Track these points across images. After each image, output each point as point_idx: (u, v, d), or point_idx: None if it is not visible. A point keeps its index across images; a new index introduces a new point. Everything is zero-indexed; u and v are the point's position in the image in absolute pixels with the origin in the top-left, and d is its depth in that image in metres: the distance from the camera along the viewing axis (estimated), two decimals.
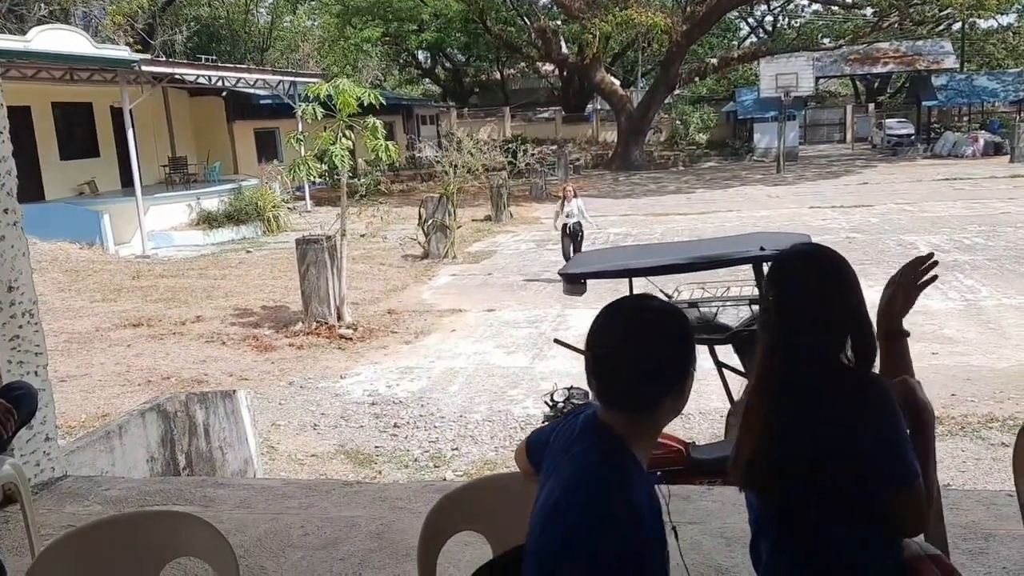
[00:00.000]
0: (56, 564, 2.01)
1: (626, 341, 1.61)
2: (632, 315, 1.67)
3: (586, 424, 1.67)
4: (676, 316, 1.68)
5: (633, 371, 1.59)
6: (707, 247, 6.03)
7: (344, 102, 10.87)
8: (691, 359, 1.65)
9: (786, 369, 1.87)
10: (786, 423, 1.84)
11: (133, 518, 2.42)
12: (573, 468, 1.62)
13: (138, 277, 15.16)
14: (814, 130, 44.14)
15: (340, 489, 4.39)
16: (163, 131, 23.56)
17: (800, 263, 1.99)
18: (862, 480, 1.79)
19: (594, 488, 1.55)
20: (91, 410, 8.02)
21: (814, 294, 1.90)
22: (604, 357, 1.62)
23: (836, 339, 1.89)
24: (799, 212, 20.48)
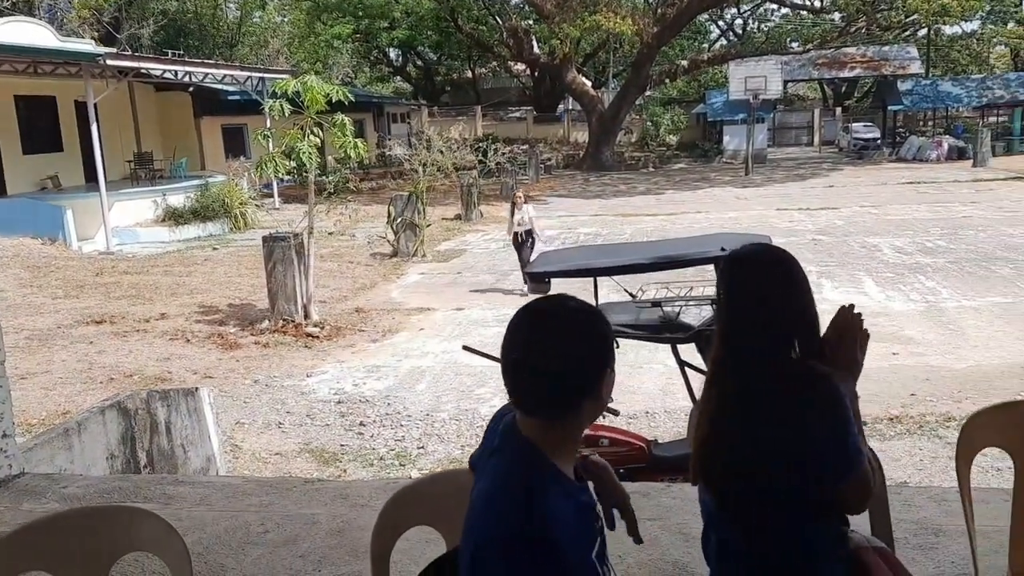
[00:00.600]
0: (5, 559, 1.99)
1: (536, 346, 1.54)
2: (542, 318, 1.58)
3: (505, 432, 1.62)
4: (588, 316, 1.60)
5: (544, 377, 1.52)
6: (670, 247, 6.08)
7: (312, 99, 10.81)
8: (605, 360, 1.57)
9: (734, 368, 1.89)
10: (734, 422, 1.86)
11: (84, 513, 2.39)
12: (488, 481, 1.58)
13: (102, 274, 14.95)
14: (782, 133, 44.56)
15: (301, 487, 4.38)
16: (128, 126, 23.26)
17: (748, 262, 2.00)
18: (815, 479, 1.80)
19: (503, 505, 1.51)
20: (51, 408, 7.91)
21: (759, 293, 1.91)
22: (515, 363, 1.55)
23: (782, 338, 1.89)
24: (766, 214, 20.69)
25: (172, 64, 21.94)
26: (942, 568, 2.88)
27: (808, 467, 1.80)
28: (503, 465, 1.57)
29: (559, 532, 1.46)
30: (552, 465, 1.54)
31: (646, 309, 5.59)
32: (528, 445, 1.55)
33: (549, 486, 1.50)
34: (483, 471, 1.63)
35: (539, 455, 1.53)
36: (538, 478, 1.51)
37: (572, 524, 1.49)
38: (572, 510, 1.51)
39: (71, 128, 21.54)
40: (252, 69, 24.50)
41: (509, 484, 1.52)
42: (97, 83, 18.71)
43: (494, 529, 1.49)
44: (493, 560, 1.47)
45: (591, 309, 1.62)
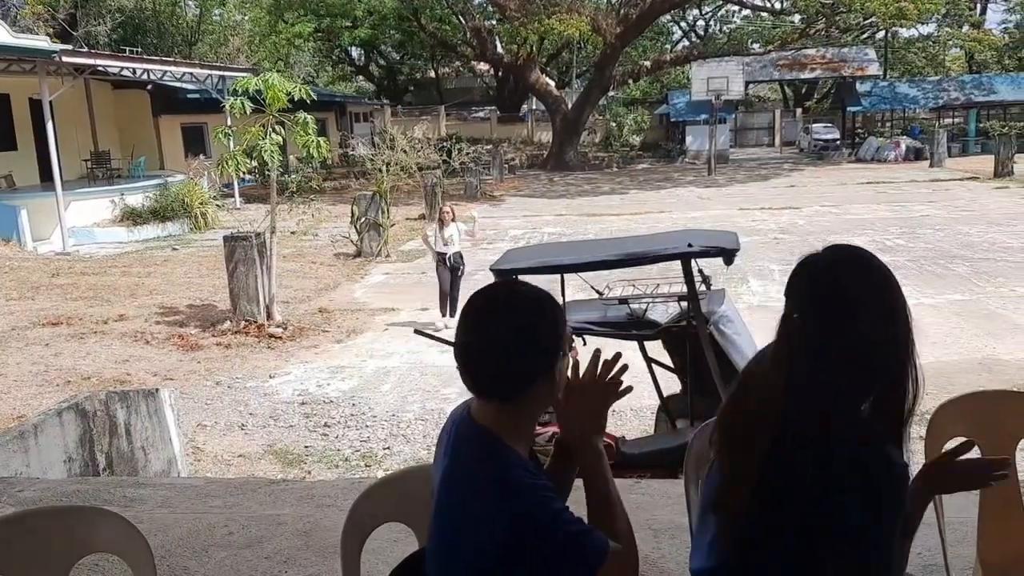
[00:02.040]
0: None
1: (485, 328, 1.56)
2: (491, 303, 1.60)
3: (461, 420, 1.62)
4: (538, 300, 1.59)
5: (494, 360, 1.53)
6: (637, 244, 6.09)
7: (273, 97, 10.71)
8: (556, 345, 1.56)
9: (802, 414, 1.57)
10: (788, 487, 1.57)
11: (40, 513, 2.32)
12: (451, 469, 1.58)
13: (58, 275, 14.65)
14: (744, 134, 45.06)
15: (266, 488, 4.32)
16: (85, 124, 22.82)
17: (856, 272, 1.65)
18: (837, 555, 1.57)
19: (473, 489, 1.51)
20: (5, 411, 7.73)
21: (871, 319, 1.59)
22: (467, 346, 1.56)
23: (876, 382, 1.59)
24: (729, 213, 20.89)
25: (130, 61, 21.59)
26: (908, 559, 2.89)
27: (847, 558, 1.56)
28: (463, 458, 1.57)
29: (528, 509, 1.47)
30: (511, 450, 1.54)
31: (613, 306, 5.60)
32: (484, 432, 1.55)
33: (509, 470, 1.51)
34: (441, 462, 1.63)
35: (496, 441, 1.54)
36: (497, 465, 1.52)
37: (536, 492, 1.50)
38: (532, 479, 1.53)
39: (25, 126, 21.09)
40: (212, 67, 24.19)
41: (477, 473, 1.52)
42: (52, 80, 18.34)
43: (471, 514, 1.50)
44: (473, 541, 1.48)
45: (541, 294, 1.62)
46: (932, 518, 3.17)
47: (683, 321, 5.25)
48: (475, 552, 1.49)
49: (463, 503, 1.53)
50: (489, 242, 18.05)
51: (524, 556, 1.46)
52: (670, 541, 3.30)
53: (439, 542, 1.58)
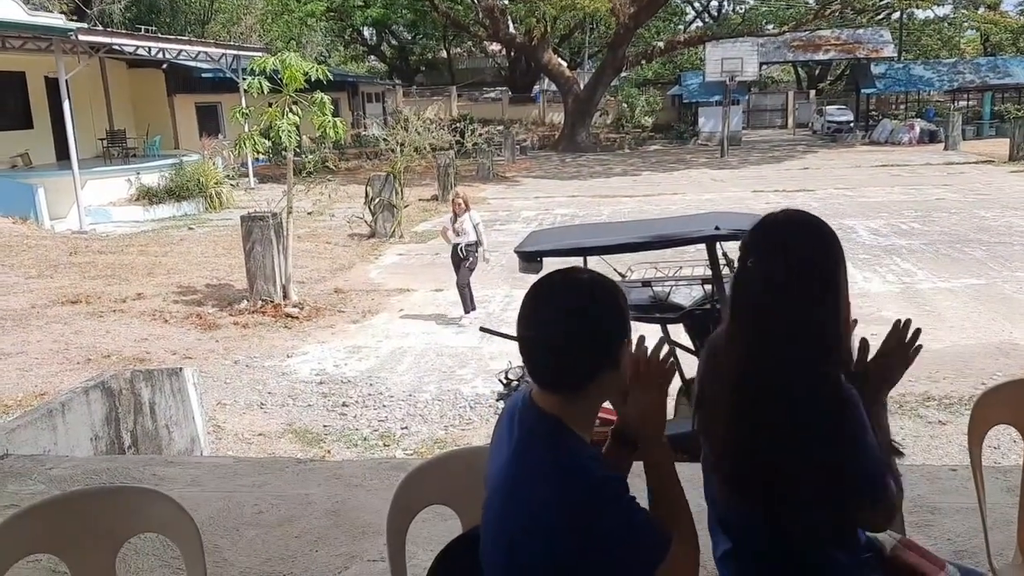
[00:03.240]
0: (9, 543, 1.95)
1: (546, 321, 1.54)
2: (552, 293, 1.58)
3: (524, 406, 1.61)
4: (599, 288, 1.59)
5: (558, 352, 1.52)
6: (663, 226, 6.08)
7: (291, 76, 10.68)
8: (620, 332, 1.56)
9: (765, 366, 1.67)
10: (761, 429, 1.67)
11: (89, 494, 2.36)
12: (517, 456, 1.57)
13: (75, 253, 14.72)
14: (757, 115, 44.78)
15: (293, 467, 4.35)
16: (101, 103, 22.83)
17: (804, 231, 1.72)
18: (837, 502, 1.66)
19: (542, 476, 1.51)
20: (28, 388, 7.79)
21: (820, 274, 1.67)
22: (530, 339, 1.55)
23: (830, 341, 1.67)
24: (743, 195, 20.81)
25: (145, 40, 21.54)
26: (939, 545, 2.92)
27: (832, 489, 1.64)
28: (530, 445, 1.56)
29: (599, 498, 1.48)
30: (578, 438, 1.54)
31: (636, 289, 5.60)
32: (551, 420, 1.54)
33: (579, 459, 1.52)
34: (502, 447, 1.62)
35: (564, 430, 1.54)
36: (568, 454, 1.51)
37: (604, 479, 1.51)
38: (600, 469, 1.53)
39: (42, 105, 21.10)
40: (227, 47, 24.11)
41: (543, 467, 1.52)
42: (68, 59, 18.32)
43: (539, 516, 1.49)
44: (545, 543, 1.48)
45: (603, 280, 1.61)
46: (958, 504, 3.21)
47: (707, 304, 5.25)
48: (543, 539, 1.49)
49: (531, 490, 1.52)
50: (502, 223, 18.06)
51: (590, 545, 1.47)
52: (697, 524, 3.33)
53: (502, 528, 1.58)
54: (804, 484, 1.63)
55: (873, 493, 1.65)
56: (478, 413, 7.71)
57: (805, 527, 1.67)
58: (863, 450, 1.63)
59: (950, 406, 7.22)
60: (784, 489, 1.65)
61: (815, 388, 1.64)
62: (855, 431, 1.63)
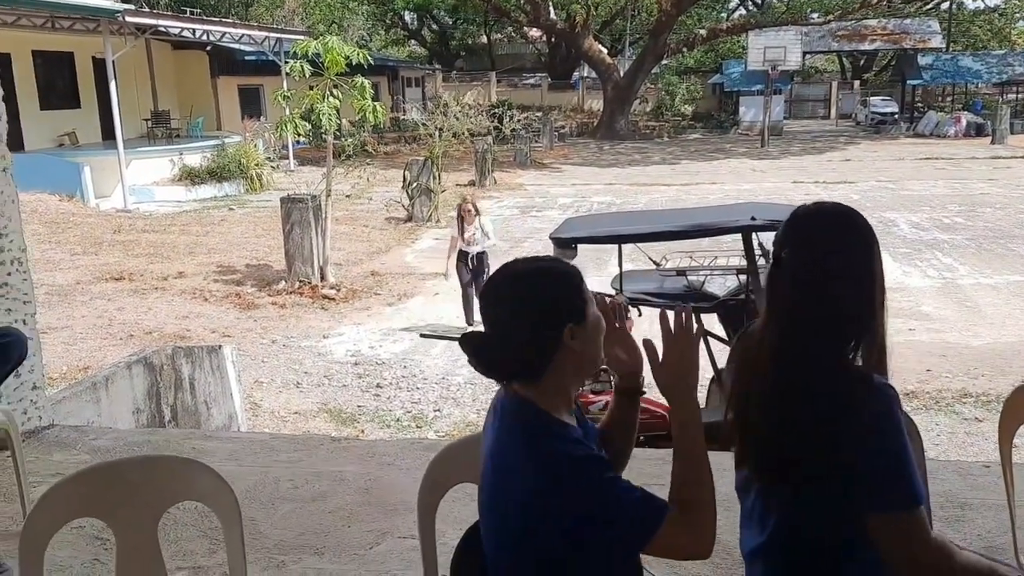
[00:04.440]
0: (57, 506, 2.03)
1: (491, 317, 1.58)
2: (495, 290, 1.60)
3: (504, 394, 1.63)
4: (536, 276, 1.60)
5: (499, 347, 1.55)
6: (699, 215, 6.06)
7: (332, 60, 10.78)
8: (559, 317, 1.55)
9: (792, 359, 1.64)
10: (787, 423, 1.63)
11: (134, 462, 2.44)
12: (497, 442, 1.59)
13: (119, 231, 15.01)
14: (799, 105, 44.20)
15: (328, 444, 4.43)
16: (146, 84, 23.17)
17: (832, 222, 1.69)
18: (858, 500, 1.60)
19: (520, 461, 1.53)
20: (73, 362, 7.99)
21: (848, 268, 1.63)
22: (469, 339, 1.57)
23: (856, 331, 1.63)
24: (782, 186, 20.59)
25: (190, 22, 21.81)
26: (969, 540, 2.91)
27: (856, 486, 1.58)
28: (508, 431, 1.58)
29: (579, 478, 1.49)
30: (555, 420, 1.55)
31: (670, 278, 5.60)
32: (526, 404, 1.56)
33: (557, 443, 1.52)
34: (488, 435, 1.65)
35: (540, 414, 1.55)
36: (546, 439, 1.53)
37: (579, 460, 1.51)
38: (577, 453, 1.53)
39: (89, 85, 21.48)
40: (269, 29, 24.35)
41: (523, 453, 1.53)
42: (115, 40, 18.62)
43: (522, 499, 1.51)
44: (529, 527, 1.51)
45: (540, 266, 1.62)
46: (988, 500, 3.19)
47: (741, 295, 5.24)
48: (526, 523, 1.51)
49: (510, 475, 1.55)
50: (538, 210, 18.08)
51: (575, 524, 1.48)
52: (724, 513, 3.32)
53: (489, 517, 1.61)
54: (823, 481, 1.61)
55: (883, 499, 1.57)
56: None
57: (826, 523, 1.64)
58: (881, 453, 1.57)
59: (987, 403, 7.13)
60: (806, 485, 1.63)
61: (838, 384, 1.61)
62: (877, 431, 1.57)
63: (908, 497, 1.55)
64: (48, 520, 2.01)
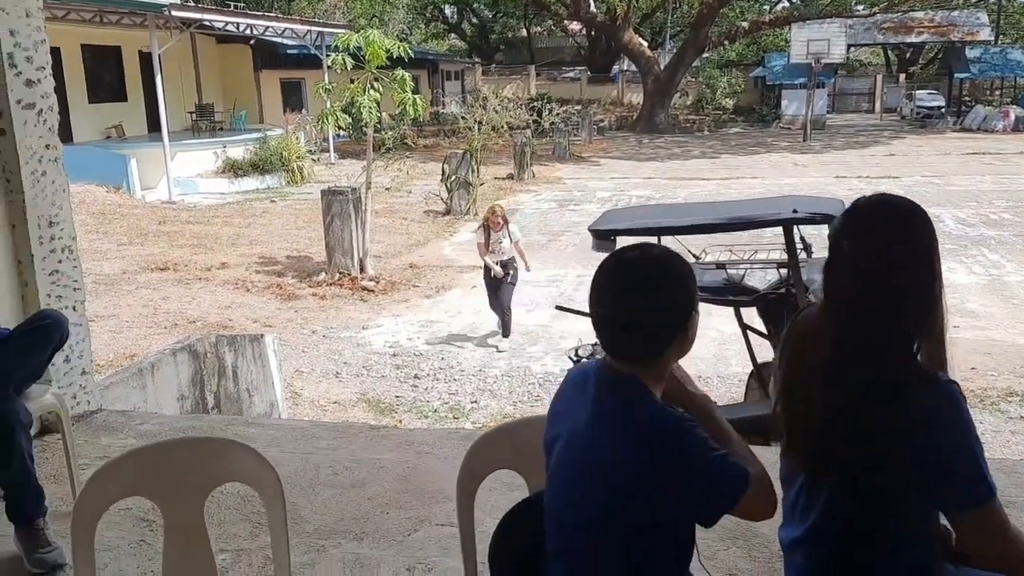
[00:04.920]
0: (107, 485, 2.08)
1: (619, 300, 1.62)
2: (623, 271, 1.66)
3: (600, 370, 1.69)
4: (670, 265, 1.66)
5: (633, 326, 1.60)
6: (739, 208, 6.01)
7: (373, 54, 10.85)
8: (690, 305, 1.64)
9: (852, 351, 1.63)
10: (844, 414, 1.62)
11: (183, 443, 2.50)
12: (599, 414, 1.63)
13: (164, 222, 15.28)
14: (843, 99, 43.54)
15: (367, 432, 4.49)
16: (190, 77, 23.54)
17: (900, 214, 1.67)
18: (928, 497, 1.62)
19: (624, 428, 1.59)
20: (119, 350, 8.16)
21: (912, 259, 1.62)
22: (604, 316, 1.63)
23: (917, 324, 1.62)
24: (824, 181, 20.31)
25: (234, 16, 22.07)
26: None
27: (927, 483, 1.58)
28: (611, 402, 1.63)
29: (676, 434, 1.57)
30: (653, 394, 1.63)
31: (709, 271, 5.57)
32: (630, 379, 1.63)
33: (656, 406, 1.61)
34: (578, 408, 1.67)
35: (641, 385, 1.62)
36: (644, 402, 1.61)
37: (681, 422, 1.60)
38: (677, 413, 1.63)
39: (135, 78, 21.87)
40: (311, 23, 24.55)
41: (621, 414, 1.60)
42: (161, 34, 18.91)
43: (620, 455, 1.58)
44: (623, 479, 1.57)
45: (671, 256, 1.68)
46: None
47: (781, 288, 5.20)
48: (614, 488, 1.57)
49: (611, 436, 1.60)
50: (576, 204, 18.05)
51: (668, 478, 1.55)
52: None
53: (572, 487, 1.65)
54: (875, 475, 1.60)
55: (965, 497, 1.56)
56: (547, 390, 7.78)
57: (873, 517, 1.64)
58: (957, 450, 1.56)
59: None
60: (858, 478, 1.63)
61: (901, 377, 1.60)
62: (949, 428, 1.56)
63: (986, 492, 1.55)
64: (98, 500, 2.07)
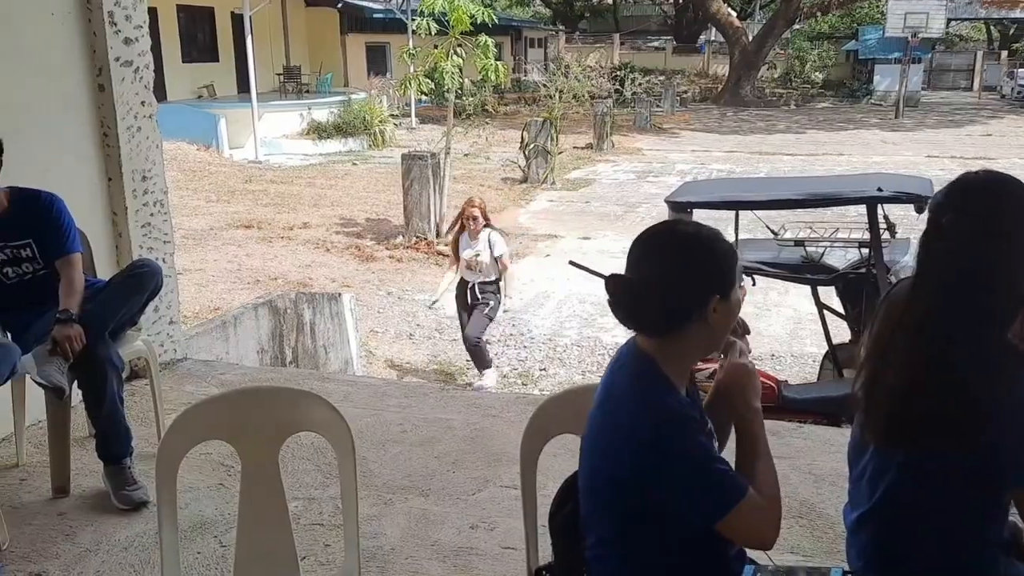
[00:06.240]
0: (190, 428, 2.19)
1: (640, 265, 1.59)
2: (650, 239, 1.62)
3: (627, 346, 1.68)
4: (697, 239, 1.61)
5: (642, 296, 1.57)
6: (821, 185, 5.87)
7: (458, 19, 10.85)
8: (710, 286, 1.57)
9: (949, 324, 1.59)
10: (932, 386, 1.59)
11: (261, 391, 2.60)
12: (607, 387, 1.66)
13: (250, 181, 15.68)
14: (939, 75, 41.82)
15: (437, 393, 4.58)
16: (279, 40, 23.96)
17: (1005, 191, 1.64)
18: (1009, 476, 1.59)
19: (623, 407, 1.59)
20: (204, 303, 8.43)
21: (1015, 238, 1.59)
22: (616, 281, 1.60)
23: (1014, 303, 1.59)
24: (915, 160, 19.61)
25: None
26: None
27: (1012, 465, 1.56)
28: (618, 378, 1.65)
29: (670, 429, 1.54)
30: (664, 376, 1.59)
31: (787, 248, 5.47)
32: (643, 356, 1.61)
33: (663, 391, 1.57)
34: (603, 383, 1.70)
35: (655, 369, 1.59)
36: (650, 386, 1.58)
37: (680, 420, 1.55)
38: (682, 407, 1.57)
39: (227, 39, 22.34)
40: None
41: (627, 395, 1.60)
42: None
43: (619, 439, 1.58)
44: (617, 467, 1.57)
45: (704, 233, 1.62)
46: None
47: (862, 268, 5.08)
48: (616, 468, 1.57)
49: (613, 420, 1.61)
50: (655, 175, 17.86)
51: (658, 477, 1.53)
52: (830, 488, 3.30)
53: (589, 459, 1.67)
54: (952, 451, 1.58)
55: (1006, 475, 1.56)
56: None
57: (944, 493, 1.61)
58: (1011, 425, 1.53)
59: None
60: (935, 452, 1.60)
61: (993, 354, 1.57)
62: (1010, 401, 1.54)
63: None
64: (181, 442, 2.18)
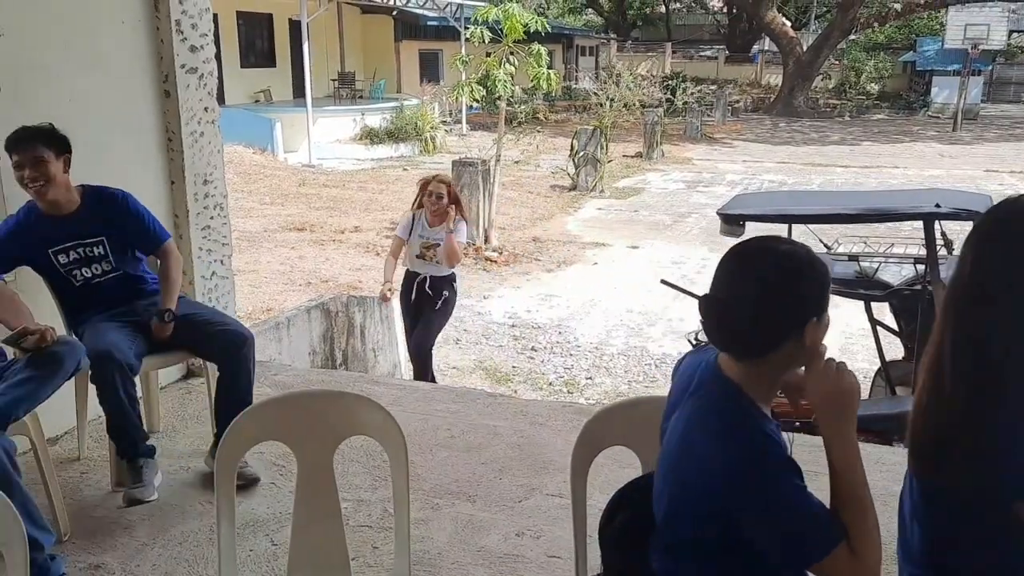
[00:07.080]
0: (250, 428, 2.25)
1: (735, 286, 1.54)
2: (747, 258, 1.56)
3: (706, 367, 1.63)
4: (799, 262, 1.53)
5: (737, 319, 1.51)
6: (877, 199, 5.78)
7: (511, 27, 10.93)
8: (807, 308, 1.51)
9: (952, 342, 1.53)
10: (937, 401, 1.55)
11: (322, 395, 2.65)
12: (694, 411, 1.59)
13: (304, 185, 15.92)
14: (1000, 88, 40.84)
15: (484, 399, 4.62)
16: (335, 46, 24.28)
17: None
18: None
19: (712, 433, 1.53)
20: (257, 303, 8.60)
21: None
22: (710, 302, 1.55)
23: None
24: (973, 175, 19.18)
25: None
26: None
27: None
28: (704, 404, 1.59)
29: (776, 445, 1.49)
30: (754, 406, 1.54)
31: (841, 262, 5.41)
32: (727, 382, 1.56)
33: (748, 425, 1.52)
34: (683, 412, 1.64)
35: (741, 395, 1.54)
36: (738, 417, 1.53)
37: (772, 459, 1.49)
38: (772, 433, 1.52)
39: (284, 45, 22.75)
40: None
41: (713, 426, 1.54)
42: (311, 3, 19.59)
43: (703, 473, 1.52)
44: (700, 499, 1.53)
45: (803, 254, 1.55)
46: None
47: (917, 285, 5.00)
48: (702, 493, 1.53)
49: (702, 445, 1.54)
50: (705, 185, 17.75)
51: (746, 509, 1.48)
52: (881, 507, 3.25)
53: (673, 480, 1.62)
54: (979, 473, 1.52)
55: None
56: (663, 372, 7.76)
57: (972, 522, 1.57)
58: None
59: None
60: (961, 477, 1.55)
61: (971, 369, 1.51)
62: None
63: None
64: (240, 441, 2.25)
